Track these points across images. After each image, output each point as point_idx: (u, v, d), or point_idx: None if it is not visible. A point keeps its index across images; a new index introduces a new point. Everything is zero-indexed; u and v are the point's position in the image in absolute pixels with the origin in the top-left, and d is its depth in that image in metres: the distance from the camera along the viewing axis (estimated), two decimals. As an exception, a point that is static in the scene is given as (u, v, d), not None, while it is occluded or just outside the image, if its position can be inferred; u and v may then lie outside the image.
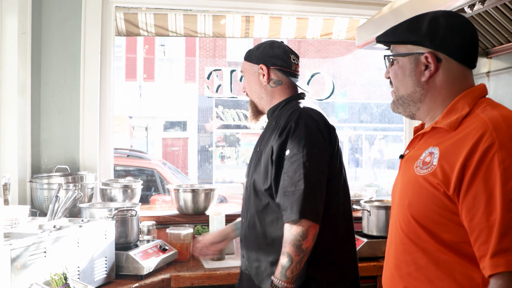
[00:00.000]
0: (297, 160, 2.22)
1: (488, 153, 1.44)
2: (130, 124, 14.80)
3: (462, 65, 1.67)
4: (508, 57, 3.67)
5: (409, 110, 1.75)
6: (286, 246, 2.17)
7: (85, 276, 2.49)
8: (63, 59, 3.47)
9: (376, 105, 13.77)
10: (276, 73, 2.46)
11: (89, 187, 3.25)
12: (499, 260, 1.39)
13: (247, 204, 2.45)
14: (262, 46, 2.51)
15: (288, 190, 2.20)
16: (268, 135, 2.42)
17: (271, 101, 2.50)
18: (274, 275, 2.22)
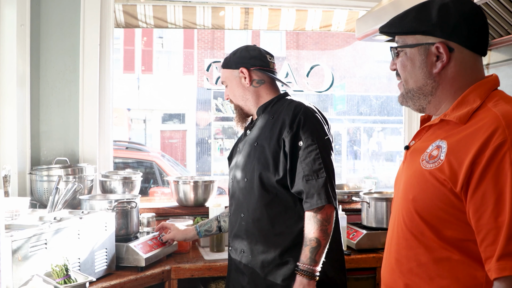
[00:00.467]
0: (313, 150, 2.36)
1: (499, 151, 1.39)
2: (128, 116, 14.77)
3: (474, 53, 1.60)
4: (508, 49, 3.67)
5: (419, 103, 1.68)
6: (314, 232, 2.32)
7: (86, 268, 2.50)
8: (62, 51, 3.46)
9: (375, 98, 13.76)
10: (257, 73, 2.58)
11: (88, 179, 3.25)
12: (506, 263, 1.36)
13: (247, 198, 2.49)
14: (238, 51, 2.63)
15: (310, 178, 2.33)
16: (266, 129, 2.49)
17: (258, 100, 2.60)
18: (300, 261, 2.33)
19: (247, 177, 2.49)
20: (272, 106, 2.56)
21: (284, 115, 2.44)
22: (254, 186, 2.45)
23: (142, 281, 2.76)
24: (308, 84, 4.25)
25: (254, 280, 2.46)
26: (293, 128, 2.39)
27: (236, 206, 2.56)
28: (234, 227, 2.56)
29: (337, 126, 13.93)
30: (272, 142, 2.43)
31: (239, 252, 2.52)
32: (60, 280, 2.11)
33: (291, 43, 15.99)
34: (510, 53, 3.67)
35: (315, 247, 2.32)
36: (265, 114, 2.56)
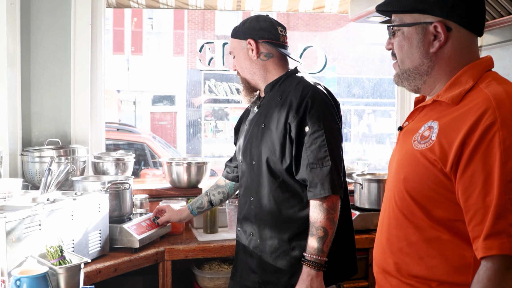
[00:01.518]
0: (319, 137, 2.27)
1: (489, 131, 1.39)
2: (118, 98, 14.72)
3: (471, 33, 1.59)
4: (501, 32, 3.67)
5: (415, 84, 1.67)
6: (320, 221, 2.25)
7: (80, 249, 2.49)
8: (53, 31, 3.42)
9: (367, 80, 13.77)
10: (265, 46, 2.46)
11: (81, 160, 3.23)
12: (493, 242, 1.37)
13: (255, 182, 2.44)
14: (248, 21, 2.50)
15: (315, 167, 2.25)
16: (274, 110, 2.39)
17: (266, 75, 2.49)
18: (306, 251, 2.28)
19: (255, 160, 2.43)
20: (280, 84, 2.45)
21: (291, 97, 2.34)
22: (262, 171, 2.40)
23: (136, 262, 2.76)
24: (301, 66, 4.22)
25: (262, 264, 2.42)
26: (300, 112, 2.29)
27: (245, 188, 2.51)
28: (243, 209, 2.51)
29: (328, 108, 13.89)
30: (279, 126, 2.34)
31: (248, 234, 2.48)
32: (55, 261, 2.09)
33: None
34: (503, 35, 3.67)
35: (323, 236, 2.25)
36: (273, 93, 2.46)
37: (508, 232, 1.35)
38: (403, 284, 1.61)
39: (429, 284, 1.55)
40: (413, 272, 1.58)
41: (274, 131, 2.36)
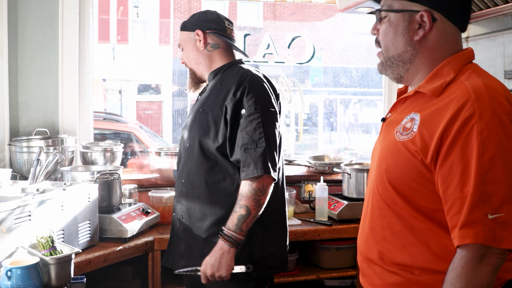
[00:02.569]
0: (255, 119, 2.34)
1: (467, 123, 1.42)
2: (103, 87, 14.62)
3: (455, 26, 1.63)
4: (487, 23, 3.70)
5: (397, 72, 1.70)
6: (245, 200, 2.30)
7: (70, 239, 2.49)
8: (41, 20, 3.39)
9: (355, 69, 13.78)
10: (212, 37, 2.55)
11: (69, 150, 3.22)
12: (468, 231, 1.40)
13: (188, 164, 2.50)
14: (197, 14, 2.60)
15: (249, 148, 2.32)
16: (213, 96, 2.47)
17: (211, 64, 2.58)
18: (225, 226, 2.32)
19: (189, 142, 2.50)
20: (222, 72, 2.54)
21: (230, 82, 2.43)
22: (195, 152, 2.46)
23: (125, 252, 2.77)
24: (289, 56, 4.23)
25: (190, 247, 2.49)
26: (237, 95, 2.37)
27: (180, 171, 2.57)
28: (177, 191, 2.59)
29: (314, 98, 13.95)
30: (215, 108, 2.41)
31: (178, 217, 2.55)
32: (46, 251, 2.10)
33: (268, 13, 15.91)
34: (489, 27, 3.70)
35: (244, 215, 2.29)
36: (215, 80, 2.55)
37: (483, 222, 1.39)
38: (387, 272, 1.65)
39: (411, 271, 1.58)
40: (396, 260, 1.62)
41: (210, 113, 2.43)
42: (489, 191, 1.40)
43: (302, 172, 3.93)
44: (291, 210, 3.43)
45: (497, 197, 1.40)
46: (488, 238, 1.39)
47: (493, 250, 1.40)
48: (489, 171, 1.40)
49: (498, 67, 3.60)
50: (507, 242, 1.40)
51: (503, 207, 1.40)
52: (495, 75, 3.60)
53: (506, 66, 3.53)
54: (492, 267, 1.41)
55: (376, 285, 1.70)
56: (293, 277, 3.28)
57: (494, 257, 1.41)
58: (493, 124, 1.41)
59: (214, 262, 2.31)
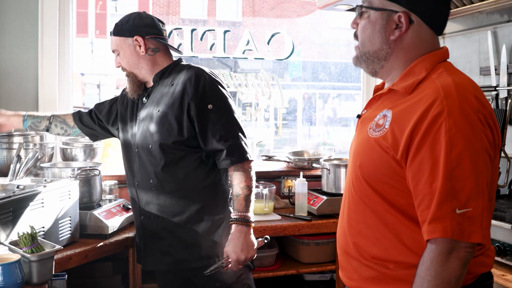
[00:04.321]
0: (225, 111, 2.51)
1: (436, 121, 1.46)
2: (82, 81, 14.49)
3: (432, 30, 1.66)
4: (463, 20, 3.75)
5: (372, 67, 1.73)
6: (244, 181, 2.48)
7: (50, 236, 2.49)
8: (20, 16, 3.38)
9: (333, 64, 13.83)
10: (152, 42, 2.60)
11: (49, 147, 3.21)
12: (436, 226, 1.44)
13: (154, 164, 2.56)
14: (131, 18, 2.60)
15: (228, 138, 2.47)
16: (168, 96, 2.53)
17: (153, 67, 2.63)
18: (235, 211, 2.48)
19: (151, 143, 2.55)
20: (169, 73, 2.61)
21: (185, 80, 2.51)
22: (160, 152, 2.52)
23: (106, 248, 2.78)
24: (269, 52, 4.25)
25: (173, 244, 2.55)
26: (199, 91, 2.47)
27: (145, 174, 2.60)
28: (144, 196, 2.62)
29: (292, 92, 13.97)
30: (174, 107, 2.49)
31: (153, 218, 2.59)
32: (27, 249, 2.10)
33: (247, 8, 15.89)
34: (465, 24, 3.75)
35: (248, 194, 2.48)
36: (163, 81, 2.61)
37: (451, 217, 1.43)
38: (363, 266, 1.70)
39: (386, 265, 1.63)
40: (371, 253, 1.66)
41: (170, 113, 2.50)
42: (456, 186, 1.43)
43: (281, 168, 3.95)
44: (271, 205, 3.46)
45: (464, 192, 1.43)
46: (456, 233, 1.43)
47: (462, 244, 1.44)
48: (456, 167, 1.43)
49: (474, 63, 3.65)
50: (475, 236, 1.44)
51: (471, 202, 1.44)
52: (471, 71, 3.66)
53: (482, 63, 3.59)
54: (460, 261, 1.45)
55: (353, 279, 1.74)
56: (273, 272, 3.31)
57: (462, 251, 1.45)
58: (461, 121, 1.45)
59: (242, 246, 2.43)
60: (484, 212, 1.46)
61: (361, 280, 1.71)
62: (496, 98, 3.36)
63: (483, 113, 1.50)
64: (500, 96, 3.33)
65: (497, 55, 3.41)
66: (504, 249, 2.52)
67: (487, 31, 3.48)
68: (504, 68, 3.32)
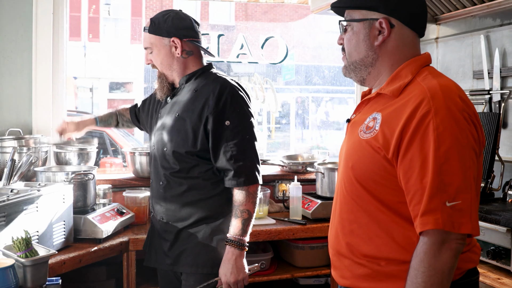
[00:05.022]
0: (241, 131, 2.45)
1: (424, 119, 1.54)
2: (74, 85, 14.47)
3: (413, 32, 1.75)
4: (456, 24, 3.77)
5: (360, 75, 1.81)
6: (245, 205, 2.45)
7: (44, 241, 2.48)
8: (14, 20, 3.37)
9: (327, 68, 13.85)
10: (188, 45, 2.55)
11: (43, 150, 3.20)
12: (428, 218, 1.51)
13: (165, 167, 2.55)
14: (169, 18, 2.53)
15: (239, 159, 2.43)
16: (189, 103, 2.51)
17: (184, 70, 2.59)
18: (230, 233, 2.46)
19: (166, 146, 2.54)
20: (196, 78, 2.57)
21: (208, 91, 2.47)
22: (172, 156, 2.51)
23: (100, 253, 2.77)
24: (262, 56, 4.26)
25: (172, 246, 2.55)
26: (219, 106, 2.43)
27: (156, 172, 2.61)
28: (154, 193, 2.63)
29: (286, 96, 14.00)
30: (193, 116, 2.46)
31: (159, 218, 2.60)
32: (22, 253, 2.08)
33: (240, 12, 15.91)
34: (458, 28, 3.77)
35: (247, 218, 2.45)
36: (189, 85, 2.57)
37: (441, 209, 1.50)
38: (355, 264, 1.75)
39: (378, 263, 1.68)
40: (364, 251, 1.72)
41: (188, 121, 2.48)
42: (446, 181, 1.51)
43: (276, 172, 3.95)
44: (266, 209, 3.46)
45: (453, 186, 1.51)
46: (447, 224, 1.50)
47: (453, 235, 1.51)
48: (445, 162, 1.51)
49: (467, 67, 3.67)
50: (464, 227, 1.51)
51: (460, 195, 1.51)
52: (464, 75, 3.67)
53: (475, 67, 3.60)
54: (452, 252, 1.52)
55: (346, 277, 1.79)
56: (267, 276, 3.30)
57: (454, 242, 1.52)
58: (447, 119, 1.53)
59: (232, 268, 2.43)
60: (472, 204, 1.53)
61: (353, 278, 1.76)
62: (489, 102, 3.37)
63: (468, 112, 1.58)
64: (493, 100, 3.34)
65: (490, 59, 3.42)
66: (499, 252, 2.53)
67: (480, 35, 3.49)
68: (497, 72, 3.33)
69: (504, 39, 3.36)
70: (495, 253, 2.54)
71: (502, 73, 3.32)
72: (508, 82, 3.33)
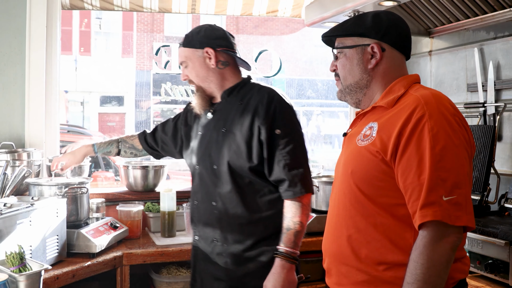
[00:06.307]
0: (292, 140, 2.38)
1: (420, 122, 1.64)
2: (65, 98, 14.43)
3: (401, 54, 1.88)
4: (449, 37, 3.79)
5: (356, 97, 1.91)
6: (299, 216, 2.34)
7: (37, 255, 2.45)
8: (8, 33, 3.35)
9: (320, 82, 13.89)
10: (222, 55, 2.48)
11: (36, 164, 3.17)
12: (427, 211, 1.59)
13: (219, 186, 2.44)
14: (203, 29, 2.50)
15: (293, 167, 2.35)
16: (237, 116, 2.42)
17: (223, 82, 2.51)
18: (282, 245, 2.33)
19: (216, 164, 2.44)
20: (238, 91, 2.50)
21: (256, 102, 2.40)
22: (226, 174, 2.40)
23: (94, 267, 2.74)
24: (256, 69, 4.26)
25: (228, 270, 2.43)
26: (270, 115, 2.36)
27: (205, 194, 2.49)
28: (202, 216, 2.50)
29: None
30: (243, 129, 2.38)
31: (210, 241, 2.47)
32: (15, 268, 2.06)
33: (231, 26, 15.95)
34: (452, 41, 3.79)
35: (300, 231, 2.34)
36: (231, 98, 2.49)
37: (439, 202, 1.59)
38: (353, 270, 1.79)
39: (376, 268, 1.74)
40: (362, 255, 1.77)
41: (238, 134, 2.39)
42: (442, 176, 1.60)
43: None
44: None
45: (449, 181, 1.60)
46: (445, 216, 1.58)
47: (450, 229, 1.60)
48: (441, 160, 1.61)
49: (461, 80, 3.68)
50: (460, 220, 1.60)
51: (455, 190, 1.60)
52: (458, 88, 3.69)
53: (469, 79, 3.61)
54: (450, 245, 1.60)
55: (342, 284, 1.83)
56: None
57: (452, 235, 1.60)
58: (441, 122, 1.64)
59: (283, 282, 2.29)
60: (467, 199, 1.63)
61: (351, 285, 1.80)
62: (484, 115, 3.38)
63: (459, 117, 1.70)
64: (487, 113, 3.35)
65: (484, 71, 3.44)
66: (497, 265, 2.51)
67: (474, 48, 3.51)
68: (491, 84, 3.35)
69: (497, 52, 3.38)
70: (493, 267, 2.52)
71: (496, 86, 3.34)
72: (503, 95, 3.34)
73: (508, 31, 3.32)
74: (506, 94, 3.33)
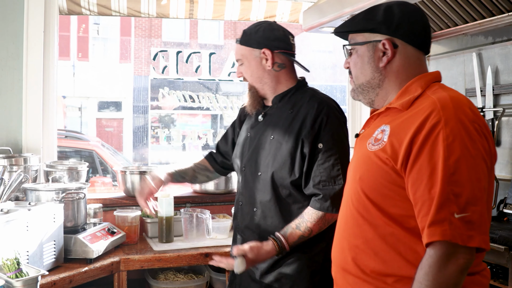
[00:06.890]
0: (333, 155, 2.27)
1: (434, 129, 1.51)
2: (63, 104, 14.44)
3: (417, 50, 1.74)
4: (448, 42, 3.79)
5: (369, 96, 1.80)
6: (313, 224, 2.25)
7: (34, 261, 2.44)
8: (5, 38, 3.34)
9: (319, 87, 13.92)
10: (280, 57, 2.40)
11: (33, 169, 3.16)
12: (436, 229, 1.47)
13: (261, 194, 2.40)
14: (261, 28, 2.43)
15: (327, 184, 2.25)
16: (284, 123, 2.37)
17: (277, 86, 2.44)
18: (283, 236, 2.26)
19: (261, 171, 2.39)
20: (290, 97, 2.42)
21: (305, 112, 2.33)
22: (268, 183, 2.36)
23: (91, 273, 2.72)
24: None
25: (264, 273, 2.40)
26: (315, 128, 2.29)
27: (249, 198, 2.45)
28: (245, 219, 2.47)
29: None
30: (290, 140, 2.32)
31: None
32: (12, 274, 2.05)
33: (229, 31, 15.99)
34: (450, 46, 3.79)
35: (305, 237, 2.27)
36: (282, 104, 2.43)
37: (449, 220, 1.46)
38: (360, 281, 1.70)
39: (384, 280, 1.63)
40: (370, 267, 1.67)
41: (284, 144, 2.33)
42: (455, 191, 1.47)
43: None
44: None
45: (463, 197, 1.47)
46: (455, 236, 1.45)
47: (460, 249, 1.46)
48: (454, 173, 1.48)
49: (459, 85, 3.68)
50: (473, 240, 1.46)
51: (469, 207, 1.47)
52: (456, 93, 3.68)
53: (467, 84, 3.61)
54: (458, 267, 1.47)
55: None
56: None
57: (461, 257, 1.47)
58: (457, 130, 1.50)
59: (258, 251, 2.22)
60: (482, 217, 1.49)
61: None
62: (482, 120, 3.37)
63: (478, 124, 1.55)
64: (486, 118, 3.35)
65: (482, 76, 3.44)
66: (497, 271, 2.51)
67: (472, 53, 3.51)
68: (489, 89, 3.35)
69: (496, 57, 3.38)
70: (493, 273, 2.52)
71: (495, 91, 3.34)
72: (501, 100, 3.34)
73: (507, 36, 3.32)
74: (505, 99, 3.33)
